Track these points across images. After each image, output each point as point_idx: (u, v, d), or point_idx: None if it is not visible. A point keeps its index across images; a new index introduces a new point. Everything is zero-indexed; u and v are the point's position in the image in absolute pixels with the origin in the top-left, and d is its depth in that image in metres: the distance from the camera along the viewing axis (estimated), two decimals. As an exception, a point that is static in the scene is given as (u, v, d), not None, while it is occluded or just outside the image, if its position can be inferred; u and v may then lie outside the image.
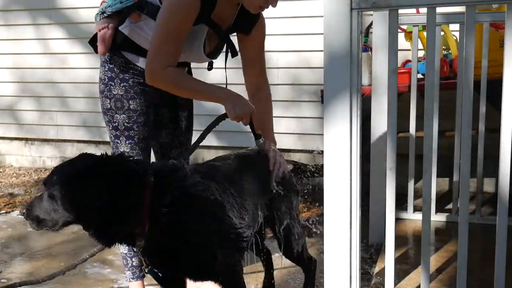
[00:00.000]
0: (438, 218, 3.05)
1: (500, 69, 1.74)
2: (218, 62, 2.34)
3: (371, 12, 3.10)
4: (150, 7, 2.14)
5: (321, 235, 2.06)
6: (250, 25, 2.23)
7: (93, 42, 2.26)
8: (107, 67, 2.26)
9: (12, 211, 4.10)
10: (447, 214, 3.09)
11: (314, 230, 3.50)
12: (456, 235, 1.81)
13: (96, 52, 2.25)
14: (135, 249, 2.25)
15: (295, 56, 4.39)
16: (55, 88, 5.09)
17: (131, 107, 2.24)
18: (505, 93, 1.68)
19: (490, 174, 3.11)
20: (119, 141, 2.28)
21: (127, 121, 2.25)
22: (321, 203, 1.78)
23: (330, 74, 1.71)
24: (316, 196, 4.14)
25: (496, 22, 3.07)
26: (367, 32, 3.91)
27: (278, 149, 2.28)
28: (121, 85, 2.23)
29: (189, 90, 2.12)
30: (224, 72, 2.29)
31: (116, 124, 2.26)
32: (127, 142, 2.27)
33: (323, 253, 1.83)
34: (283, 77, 4.44)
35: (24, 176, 5.11)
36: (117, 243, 1.76)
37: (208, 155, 4.76)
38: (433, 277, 2.25)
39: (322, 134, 1.75)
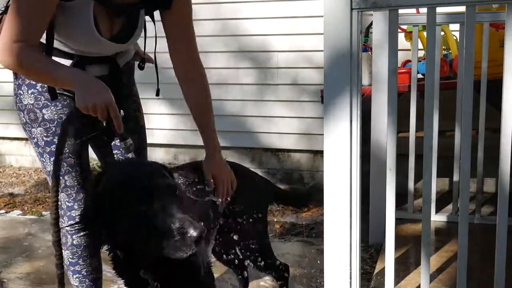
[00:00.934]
0: (438, 218, 3.05)
1: (500, 69, 1.74)
2: (223, 62, 2.17)
3: (371, 12, 3.10)
4: None
5: (321, 235, 2.05)
6: None
7: None
8: (14, 73, 1.90)
9: (12, 211, 4.10)
10: (447, 214, 3.09)
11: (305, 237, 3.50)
12: (456, 235, 1.81)
13: None
14: (92, 274, 2.08)
15: (296, 56, 4.39)
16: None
17: (45, 117, 1.86)
18: (505, 93, 1.68)
19: (490, 174, 3.10)
20: (44, 160, 1.90)
21: (45, 134, 1.87)
22: (321, 203, 1.78)
23: (330, 74, 1.72)
24: (316, 196, 4.15)
25: (496, 22, 3.06)
26: (367, 32, 3.91)
27: (279, 149, 2.23)
28: (29, 92, 1.87)
29: (34, 70, 1.69)
30: (222, 72, 2.12)
31: (36, 140, 1.89)
32: (51, 160, 1.88)
33: (323, 253, 1.83)
34: (284, 77, 4.44)
35: (24, 176, 5.11)
36: None
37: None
38: (433, 277, 2.24)
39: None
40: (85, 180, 1.97)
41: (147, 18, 1.94)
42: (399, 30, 3.30)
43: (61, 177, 1.90)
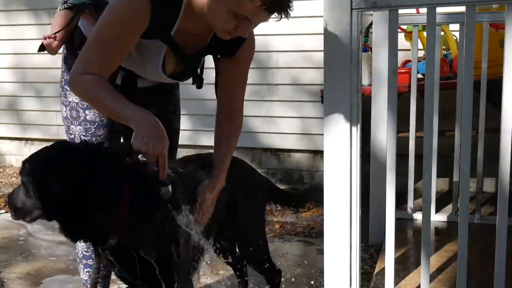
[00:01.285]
0: (438, 218, 3.05)
1: (500, 69, 1.74)
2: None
3: (371, 12, 3.10)
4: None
5: (321, 235, 2.05)
6: (234, 47, 1.84)
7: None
8: (64, 66, 1.98)
9: (12, 211, 4.10)
10: (447, 214, 3.09)
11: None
12: (456, 235, 1.81)
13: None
14: (102, 271, 2.07)
15: (297, 56, 4.39)
16: (57, 88, 5.08)
17: (87, 117, 1.96)
18: (505, 93, 1.68)
19: (490, 174, 3.10)
20: None
21: (83, 133, 1.97)
22: (321, 203, 1.78)
23: (330, 74, 1.72)
24: (316, 196, 4.15)
25: (496, 22, 3.06)
26: (367, 32, 3.91)
27: (280, 149, 2.23)
28: None
29: (100, 104, 1.72)
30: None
31: (73, 136, 1.99)
32: None
33: (323, 253, 1.83)
34: (285, 77, 4.44)
35: (24, 176, 5.11)
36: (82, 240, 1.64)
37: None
38: (433, 277, 2.24)
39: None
40: None
41: None
42: (399, 30, 3.30)
43: None
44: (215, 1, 1.64)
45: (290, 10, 1.61)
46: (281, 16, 1.61)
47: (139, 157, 1.68)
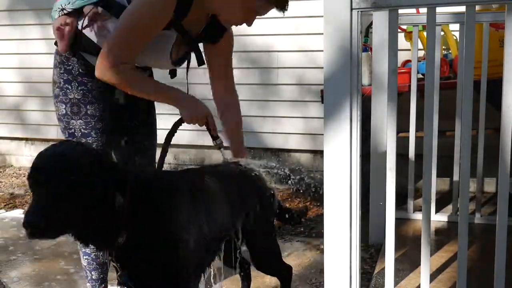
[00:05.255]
0: (438, 218, 3.05)
1: (500, 69, 1.74)
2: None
3: (371, 12, 3.10)
4: (118, 8, 1.98)
5: (321, 235, 2.05)
6: (219, 34, 2.16)
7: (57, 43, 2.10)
8: (63, 68, 2.10)
9: (12, 210, 4.10)
10: (447, 214, 3.09)
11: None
12: (456, 235, 1.81)
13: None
14: (100, 258, 2.20)
15: (300, 56, 4.38)
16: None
17: (88, 112, 2.10)
18: (505, 93, 1.68)
19: (490, 174, 3.10)
20: None
21: (84, 127, 2.10)
22: (321, 203, 1.78)
23: (330, 74, 1.72)
24: (316, 196, 4.15)
25: (496, 22, 3.06)
26: (367, 32, 3.91)
27: (284, 149, 2.28)
28: (79, 88, 2.09)
29: (143, 90, 2.02)
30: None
31: (72, 130, 2.11)
32: None
33: (323, 253, 1.83)
34: (288, 77, 4.44)
35: (24, 176, 5.10)
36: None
37: (219, 155, 4.75)
38: (433, 277, 2.25)
39: (324, 134, 1.76)
40: None
41: None
42: (399, 30, 3.30)
43: None
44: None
45: (287, 6, 1.99)
46: (283, 11, 1.99)
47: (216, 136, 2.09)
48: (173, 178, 1.89)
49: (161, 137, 2.21)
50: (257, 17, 2.02)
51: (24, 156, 5.42)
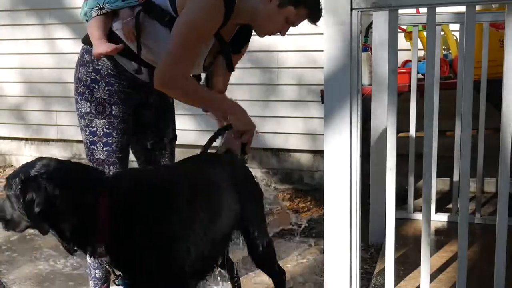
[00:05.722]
0: (438, 218, 3.05)
1: (500, 69, 1.74)
2: None
3: (371, 12, 3.10)
4: (159, 11, 2.01)
5: (321, 235, 2.05)
6: (242, 44, 2.23)
7: (87, 41, 2.14)
8: (91, 67, 2.12)
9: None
10: (447, 214, 3.09)
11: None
12: (456, 235, 1.81)
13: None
14: (98, 261, 2.17)
15: (300, 56, 4.38)
16: (62, 88, 5.06)
17: (113, 112, 2.13)
18: (505, 93, 1.68)
19: (490, 174, 3.10)
20: (95, 148, 2.15)
21: (106, 126, 2.13)
22: (321, 203, 1.79)
23: (330, 74, 1.72)
24: (316, 196, 4.15)
25: (496, 22, 3.06)
26: (367, 32, 3.91)
27: (284, 149, 2.28)
28: (106, 88, 2.11)
29: (198, 101, 2.08)
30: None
31: (95, 129, 2.14)
32: (104, 149, 2.14)
33: (323, 253, 1.83)
34: (288, 77, 4.44)
35: (24, 176, 5.10)
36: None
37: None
38: (433, 277, 2.24)
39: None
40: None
41: None
42: (399, 30, 3.30)
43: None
44: (276, 11, 2.01)
45: (320, 17, 2.04)
46: (315, 23, 2.07)
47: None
48: (166, 178, 1.83)
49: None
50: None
51: (25, 156, 5.42)
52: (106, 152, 2.14)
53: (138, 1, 2.04)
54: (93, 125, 2.14)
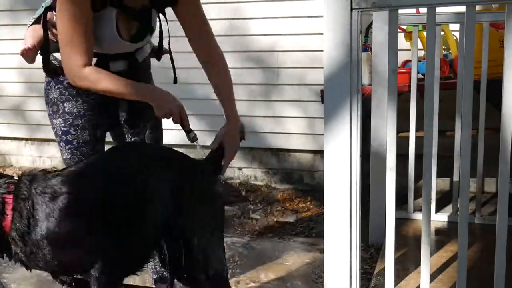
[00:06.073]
0: (438, 218, 3.05)
1: (500, 69, 1.74)
2: (228, 62, 2.21)
3: (371, 12, 3.10)
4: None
5: (321, 235, 2.05)
6: None
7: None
8: (45, 71, 2.16)
9: (12, 211, 4.10)
10: (447, 214, 3.09)
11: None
12: (456, 235, 1.81)
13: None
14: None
15: (301, 56, 4.38)
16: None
17: (66, 109, 2.10)
18: (505, 93, 1.68)
19: (490, 174, 3.10)
20: (61, 147, 2.15)
21: (63, 125, 2.11)
22: (321, 203, 1.78)
23: (330, 74, 1.72)
24: (316, 196, 4.15)
25: (496, 22, 3.06)
26: (367, 32, 3.91)
27: (284, 149, 2.23)
28: (56, 87, 2.12)
29: (110, 90, 1.93)
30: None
31: (55, 130, 2.14)
32: (66, 148, 2.13)
33: (323, 253, 1.83)
34: (288, 77, 4.43)
35: (24, 176, 5.10)
36: None
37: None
38: (433, 277, 2.24)
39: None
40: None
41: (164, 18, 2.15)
42: (399, 30, 3.30)
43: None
44: None
45: None
46: None
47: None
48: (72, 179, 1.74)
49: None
50: (258, 17, 1.98)
51: (24, 156, 5.42)
52: (69, 150, 2.12)
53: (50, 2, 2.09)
54: (53, 126, 2.14)
